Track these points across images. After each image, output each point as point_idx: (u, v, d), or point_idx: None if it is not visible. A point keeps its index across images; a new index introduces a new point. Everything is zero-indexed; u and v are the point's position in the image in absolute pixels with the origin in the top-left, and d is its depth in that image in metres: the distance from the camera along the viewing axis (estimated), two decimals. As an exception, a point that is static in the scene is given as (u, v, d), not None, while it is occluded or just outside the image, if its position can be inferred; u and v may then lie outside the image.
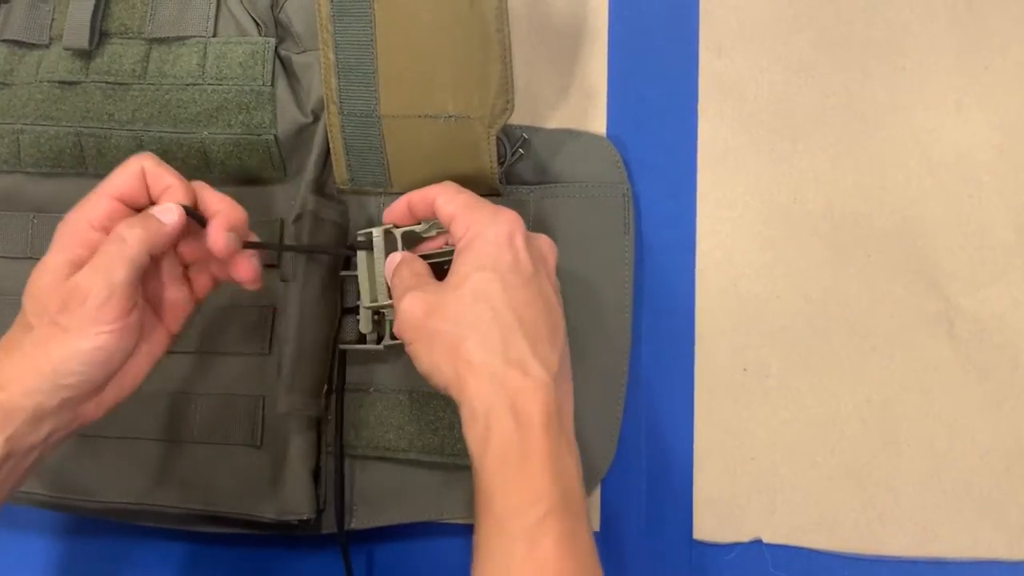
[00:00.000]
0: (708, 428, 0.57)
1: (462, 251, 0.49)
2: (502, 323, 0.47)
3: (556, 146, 0.59)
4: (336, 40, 0.54)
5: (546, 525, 0.43)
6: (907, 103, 0.59)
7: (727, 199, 0.59)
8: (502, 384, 0.45)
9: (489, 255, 0.48)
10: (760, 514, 0.56)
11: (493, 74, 0.53)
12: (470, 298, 0.47)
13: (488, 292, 0.47)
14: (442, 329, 0.47)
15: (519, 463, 0.44)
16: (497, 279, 0.47)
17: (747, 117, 0.59)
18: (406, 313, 0.49)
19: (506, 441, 0.45)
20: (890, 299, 0.57)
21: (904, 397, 0.57)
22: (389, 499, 0.57)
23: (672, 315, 0.59)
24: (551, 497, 0.44)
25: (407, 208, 0.54)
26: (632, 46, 0.61)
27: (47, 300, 0.45)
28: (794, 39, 0.60)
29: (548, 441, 0.45)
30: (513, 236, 0.49)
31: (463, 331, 0.47)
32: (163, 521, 0.58)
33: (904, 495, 0.56)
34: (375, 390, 0.57)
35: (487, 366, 0.46)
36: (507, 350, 0.46)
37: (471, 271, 0.48)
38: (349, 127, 0.56)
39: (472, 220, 0.49)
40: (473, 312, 0.47)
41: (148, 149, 0.57)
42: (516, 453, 0.44)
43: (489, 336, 0.46)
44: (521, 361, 0.46)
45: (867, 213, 0.58)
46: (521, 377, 0.46)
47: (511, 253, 0.48)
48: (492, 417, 0.45)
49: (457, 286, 0.48)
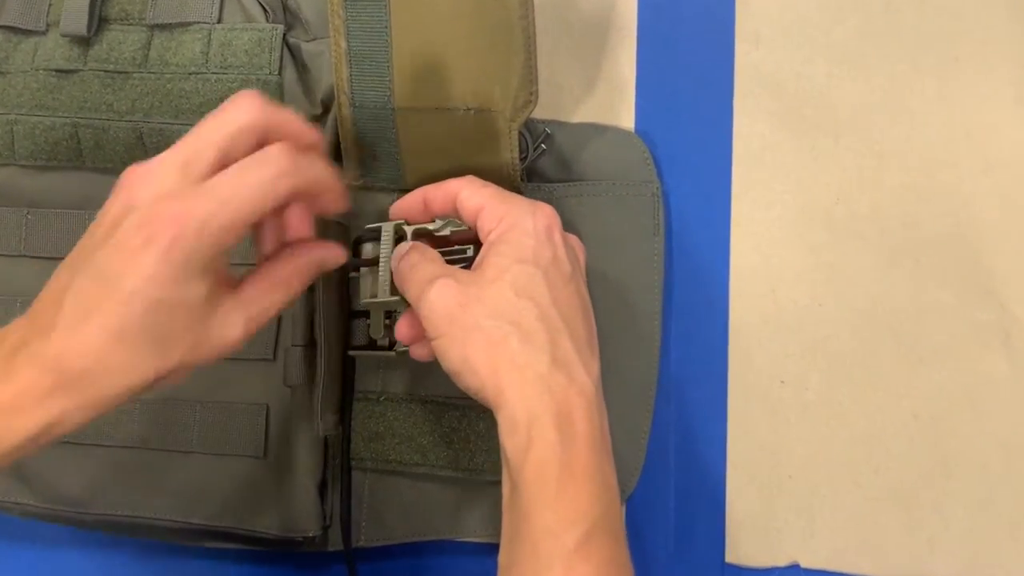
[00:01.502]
0: (742, 444, 0.56)
1: (496, 243, 0.46)
2: (548, 322, 0.44)
3: (581, 141, 0.57)
4: (348, 27, 0.52)
5: (586, 550, 0.40)
6: (960, 97, 0.56)
7: (764, 200, 0.57)
8: (548, 389, 0.42)
9: (529, 248, 0.45)
10: (798, 537, 0.55)
11: (516, 64, 0.51)
12: (511, 292, 0.44)
13: (531, 288, 0.44)
14: (481, 323, 0.43)
15: (559, 480, 0.41)
16: (540, 274, 0.45)
17: (786, 112, 0.57)
18: (437, 303, 0.45)
19: (548, 454, 0.41)
20: (940, 308, 0.55)
21: (955, 413, 0.54)
22: (399, 516, 0.56)
23: (704, 323, 0.57)
24: (591, 518, 0.41)
25: (422, 202, 0.51)
26: (663, 35, 0.59)
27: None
28: (837, 28, 0.57)
29: (592, 456, 0.42)
30: (552, 230, 0.47)
31: (505, 327, 0.43)
32: (159, 535, 0.56)
33: (954, 519, 0.54)
34: (386, 399, 0.56)
35: (533, 367, 0.43)
36: (554, 351, 0.43)
37: (510, 263, 0.45)
38: (361, 120, 0.54)
39: (506, 211, 0.47)
40: (516, 307, 0.44)
41: (148, 141, 0.56)
42: (557, 468, 0.41)
43: (535, 335, 0.43)
44: (568, 365, 0.43)
45: (916, 215, 0.56)
46: (567, 383, 0.43)
47: (551, 249, 0.46)
48: (535, 427, 0.42)
49: (495, 279, 0.45)
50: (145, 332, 0.40)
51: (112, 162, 0.56)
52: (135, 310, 0.40)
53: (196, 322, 0.42)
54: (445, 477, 0.55)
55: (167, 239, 0.40)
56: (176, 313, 0.41)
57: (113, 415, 0.52)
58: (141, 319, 0.40)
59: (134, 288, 0.40)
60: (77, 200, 0.57)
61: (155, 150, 0.55)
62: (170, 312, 0.41)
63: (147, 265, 0.40)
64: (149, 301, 0.40)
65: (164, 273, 0.40)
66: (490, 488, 0.54)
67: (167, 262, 0.40)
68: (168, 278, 0.40)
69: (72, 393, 0.40)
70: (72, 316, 0.41)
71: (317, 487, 0.54)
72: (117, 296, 0.40)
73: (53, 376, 0.40)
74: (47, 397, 0.40)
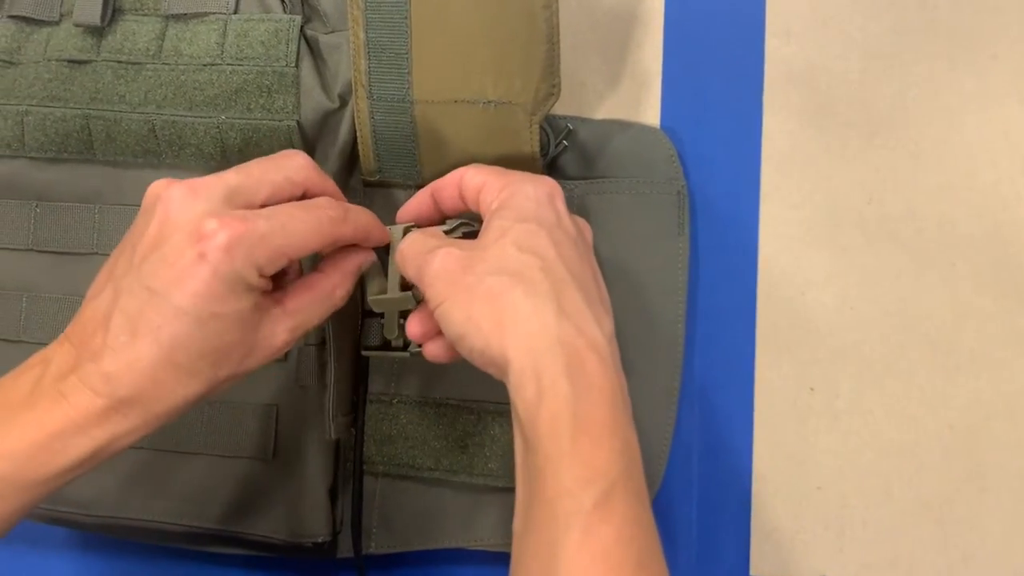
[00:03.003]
0: (769, 453, 0.54)
1: (497, 209, 0.45)
2: (553, 274, 0.42)
3: (604, 138, 0.56)
4: (367, 17, 0.51)
5: (605, 510, 0.38)
6: (998, 95, 0.55)
7: (794, 199, 0.56)
8: (557, 339, 0.40)
9: (530, 209, 0.45)
10: (826, 550, 0.53)
11: (538, 55, 0.50)
12: (513, 248, 0.43)
13: (535, 243, 0.43)
14: (483, 280, 0.42)
15: (574, 435, 0.39)
16: (543, 231, 0.44)
17: (817, 109, 0.56)
18: (439, 269, 0.44)
19: (562, 407, 0.39)
20: (977, 313, 0.54)
21: (991, 424, 0.53)
22: (412, 522, 0.54)
23: (731, 326, 0.56)
24: (610, 477, 0.39)
25: (430, 199, 0.50)
26: (690, 29, 0.58)
27: None
28: (872, 24, 0.56)
29: (609, 412, 0.40)
30: (554, 197, 0.46)
31: (507, 280, 0.42)
32: (164, 539, 0.55)
33: (991, 535, 0.52)
34: (399, 401, 0.55)
35: (538, 316, 0.41)
36: (561, 301, 0.41)
37: (511, 224, 0.44)
38: (379, 113, 0.52)
39: (507, 181, 0.46)
40: (519, 260, 0.42)
41: (161, 134, 0.55)
42: (571, 422, 0.39)
43: (539, 285, 0.42)
44: (576, 315, 0.41)
45: (952, 217, 0.54)
46: (576, 334, 0.41)
47: (553, 212, 0.45)
48: (545, 378, 0.40)
49: (497, 239, 0.44)
50: (196, 348, 0.41)
51: (124, 155, 0.56)
52: (186, 326, 0.41)
53: (245, 335, 0.43)
54: (458, 483, 0.54)
55: (220, 254, 0.41)
56: (226, 328, 0.42)
57: None
58: (192, 335, 0.41)
59: (185, 304, 0.41)
60: (87, 194, 0.56)
61: (168, 143, 0.54)
62: (220, 327, 0.42)
63: (199, 280, 0.41)
64: (200, 317, 0.41)
65: (216, 289, 0.41)
66: (504, 495, 0.53)
67: (219, 278, 0.41)
68: (219, 293, 0.41)
69: (125, 414, 0.41)
70: (121, 336, 0.41)
71: (327, 491, 0.53)
72: (167, 313, 0.41)
73: (105, 399, 0.41)
74: (100, 420, 0.41)
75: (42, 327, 0.56)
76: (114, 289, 0.42)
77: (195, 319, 0.41)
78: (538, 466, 0.39)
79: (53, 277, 0.56)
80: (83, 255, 0.56)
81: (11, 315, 0.57)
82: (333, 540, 0.54)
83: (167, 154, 0.55)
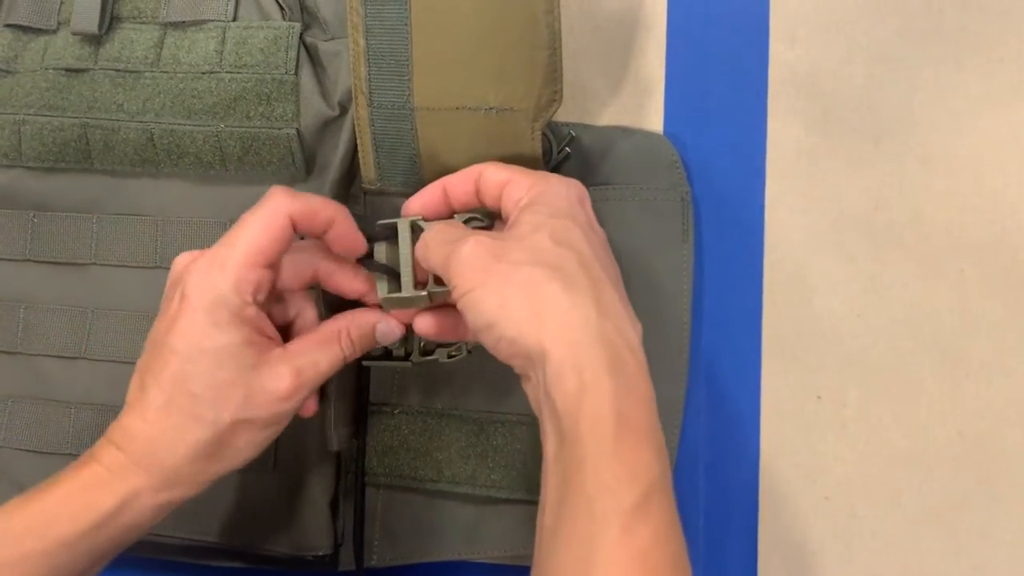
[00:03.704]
0: (776, 462, 0.54)
1: (529, 204, 0.45)
2: (590, 271, 0.42)
3: (607, 144, 0.55)
4: (367, 24, 0.51)
5: (645, 510, 0.38)
6: (1006, 99, 0.54)
7: (800, 205, 0.55)
8: (599, 335, 0.40)
9: (564, 207, 0.45)
10: (835, 561, 0.53)
11: (540, 62, 0.49)
12: (550, 241, 0.43)
13: (570, 238, 0.43)
14: (519, 269, 0.41)
15: (617, 432, 0.39)
16: (578, 229, 0.44)
17: (823, 114, 0.56)
18: (469, 255, 0.43)
19: (605, 404, 0.39)
20: (987, 319, 0.53)
21: (1002, 431, 0.53)
22: (414, 534, 0.54)
23: (737, 334, 0.55)
24: (650, 476, 0.39)
25: (442, 193, 0.49)
26: (693, 34, 0.57)
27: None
28: (877, 28, 0.56)
29: (649, 412, 0.40)
30: (584, 199, 0.47)
31: (546, 271, 0.41)
32: (162, 552, 0.55)
33: (1002, 544, 0.52)
34: (400, 411, 0.54)
35: (579, 310, 0.40)
36: (599, 299, 0.41)
37: (545, 219, 0.44)
38: (379, 120, 0.52)
39: (535, 180, 0.46)
40: (556, 253, 0.42)
41: (160, 143, 0.55)
42: (614, 420, 0.39)
43: (578, 280, 0.41)
44: (614, 315, 0.41)
45: (960, 222, 0.54)
46: (616, 333, 0.41)
47: (584, 214, 0.46)
48: (588, 373, 0.39)
49: (531, 232, 0.43)
50: (194, 388, 0.44)
51: (122, 164, 0.55)
52: (182, 366, 0.44)
53: (240, 373, 0.44)
54: (461, 494, 0.53)
55: (197, 287, 0.44)
56: (218, 363, 0.44)
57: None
58: (186, 373, 0.44)
59: (176, 344, 0.44)
60: (85, 203, 0.56)
61: (166, 152, 0.54)
62: (211, 363, 0.44)
63: (184, 319, 0.44)
64: (190, 354, 0.44)
65: (201, 322, 0.44)
66: (507, 506, 0.53)
67: (201, 310, 0.44)
68: (205, 326, 0.44)
69: (142, 466, 0.44)
70: (135, 391, 0.45)
71: (329, 503, 0.53)
72: (165, 357, 0.44)
73: (123, 453, 0.44)
74: (121, 473, 0.43)
75: (40, 338, 0.56)
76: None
77: (186, 357, 0.43)
78: (577, 461, 0.39)
79: (51, 288, 0.56)
80: (81, 265, 0.56)
81: (9, 326, 0.56)
82: (335, 553, 0.54)
83: (165, 163, 0.55)
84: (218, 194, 0.55)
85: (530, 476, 0.52)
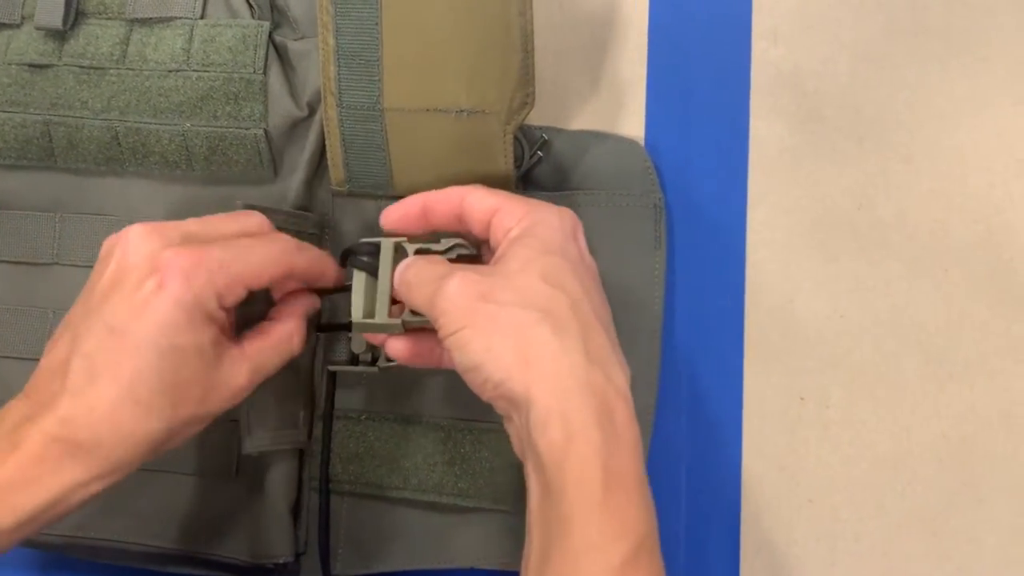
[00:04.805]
0: (759, 464, 0.54)
1: (520, 236, 0.44)
2: (581, 315, 0.41)
3: (580, 149, 0.55)
4: (337, 23, 0.50)
5: (633, 568, 0.37)
6: (991, 98, 0.54)
7: (783, 205, 0.55)
8: (587, 383, 0.39)
9: (556, 242, 0.44)
10: (818, 565, 0.53)
11: (513, 64, 0.49)
12: (539, 280, 0.41)
13: (561, 278, 0.42)
14: (507, 310, 0.41)
15: (605, 485, 0.38)
16: (569, 267, 0.43)
17: (806, 113, 0.56)
18: (456, 294, 0.42)
19: (592, 455, 0.38)
20: (971, 320, 0.53)
21: (986, 433, 0.52)
22: (378, 543, 0.53)
23: (718, 335, 0.55)
24: (639, 532, 0.38)
25: (421, 211, 0.48)
26: (675, 32, 0.57)
27: None
28: (861, 26, 0.56)
29: (637, 463, 0.39)
30: (576, 231, 0.46)
31: (535, 315, 0.40)
32: (123, 559, 0.54)
33: (987, 547, 0.52)
34: (367, 417, 0.53)
35: (568, 356, 0.40)
36: (588, 345, 0.40)
37: (537, 255, 0.43)
38: (348, 121, 0.52)
39: (528, 209, 0.45)
40: (546, 295, 0.41)
41: (124, 141, 0.54)
42: (602, 472, 0.38)
43: (567, 325, 0.40)
44: (604, 362, 0.41)
45: (944, 222, 0.54)
46: (605, 380, 0.40)
47: (577, 248, 0.45)
48: (576, 422, 0.39)
49: (521, 269, 0.42)
50: (156, 383, 0.42)
51: (86, 162, 0.55)
52: (148, 360, 0.41)
53: (205, 370, 0.43)
54: (428, 502, 0.53)
55: (179, 282, 0.42)
56: (185, 361, 0.42)
57: None
58: (152, 368, 0.41)
59: (147, 336, 0.41)
60: (47, 202, 0.55)
61: (131, 151, 0.54)
62: (182, 359, 0.42)
63: (159, 311, 0.41)
64: (160, 348, 0.41)
65: (176, 318, 0.42)
66: (474, 515, 0.52)
67: (179, 306, 0.42)
68: (179, 323, 0.42)
69: (84, 460, 0.41)
70: (80, 379, 0.41)
71: (290, 510, 0.52)
72: (128, 348, 0.41)
73: (61, 444, 0.40)
74: (56, 467, 0.40)
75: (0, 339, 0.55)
76: (72, 336, 0.42)
77: (156, 352, 0.41)
78: (562, 514, 0.38)
79: (11, 288, 0.55)
80: (43, 265, 0.55)
81: None
82: (297, 561, 0.53)
83: (130, 162, 0.54)
84: (184, 194, 0.54)
85: (498, 485, 0.51)
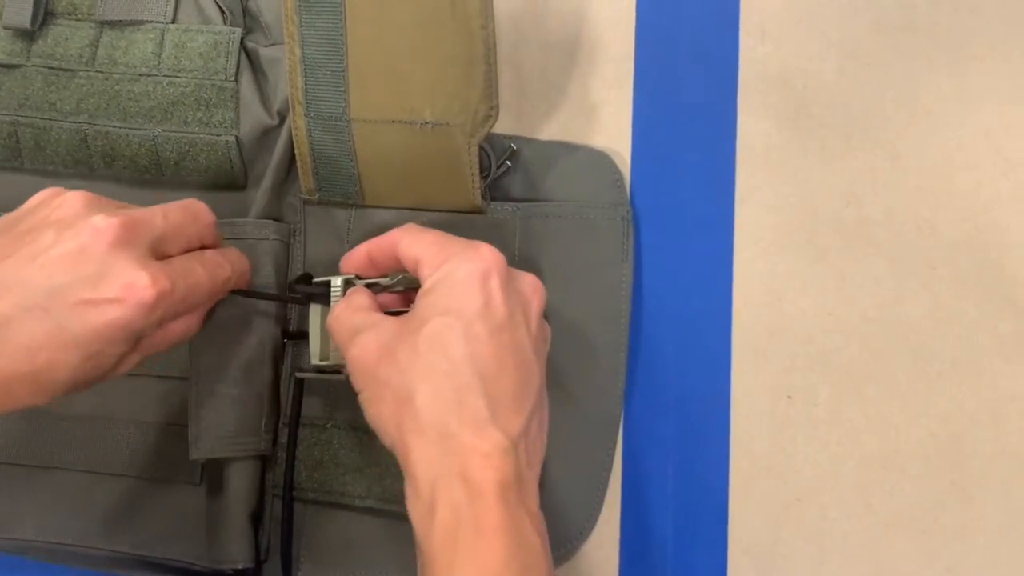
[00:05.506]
0: (746, 464, 0.54)
1: (427, 292, 0.45)
2: (457, 378, 0.42)
3: (549, 160, 0.55)
4: (303, 34, 0.50)
5: None
6: (978, 96, 0.54)
7: (770, 203, 0.55)
8: (452, 449, 0.41)
9: (455, 297, 0.44)
10: (807, 564, 0.53)
11: (476, 76, 0.49)
12: (424, 345, 0.43)
13: (445, 341, 0.42)
14: (391, 379, 0.43)
15: (470, 539, 0.40)
16: (459, 327, 0.43)
17: (794, 110, 0.55)
18: (357, 358, 0.45)
19: (455, 514, 0.40)
20: (959, 318, 0.53)
21: (975, 432, 0.52)
22: (340, 551, 0.53)
23: (706, 334, 0.55)
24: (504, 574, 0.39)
25: (366, 258, 0.49)
26: (662, 28, 0.57)
27: None
28: (849, 23, 0.56)
29: (505, 513, 0.40)
30: (488, 276, 0.44)
31: (412, 384, 0.42)
32: (86, 564, 0.54)
33: (976, 546, 0.52)
34: (333, 425, 0.53)
35: (435, 426, 0.41)
36: (461, 409, 0.41)
37: (431, 315, 0.43)
38: (316, 131, 0.51)
39: (443, 258, 0.45)
40: (425, 362, 0.42)
41: (93, 144, 0.54)
42: (467, 527, 0.40)
43: (441, 391, 0.42)
44: (476, 422, 0.41)
45: (932, 220, 0.54)
46: (474, 439, 0.41)
47: (483, 296, 0.44)
48: (439, 488, 0.41)
49: (413, 331, 0.43)
50: (63, 375, 0.42)
51: (54, 164, 0.54)
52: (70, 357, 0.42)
53: (107, 370, 0.44)
54: (390, 512, 0.52)
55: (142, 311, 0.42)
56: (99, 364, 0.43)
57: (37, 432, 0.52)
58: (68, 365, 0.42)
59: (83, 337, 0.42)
60: (14, 203, 0.54)
61: (100, 154, 0.54)
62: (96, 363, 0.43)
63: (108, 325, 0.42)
64: (89, 353, 0.42)
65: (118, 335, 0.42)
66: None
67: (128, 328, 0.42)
68: (119, 339, 0.43)
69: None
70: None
71: (249, 516, 0.52)
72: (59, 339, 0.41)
73: None
74: None
75: None
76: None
77: (84, 354, 0.41)
78: (431, 573, 0.40)
79: None
80: None
81: None
82: (257, 568, 0.52)
83: (99, 165, 0.53)
84: (153, 198, 0.53)
85: None
